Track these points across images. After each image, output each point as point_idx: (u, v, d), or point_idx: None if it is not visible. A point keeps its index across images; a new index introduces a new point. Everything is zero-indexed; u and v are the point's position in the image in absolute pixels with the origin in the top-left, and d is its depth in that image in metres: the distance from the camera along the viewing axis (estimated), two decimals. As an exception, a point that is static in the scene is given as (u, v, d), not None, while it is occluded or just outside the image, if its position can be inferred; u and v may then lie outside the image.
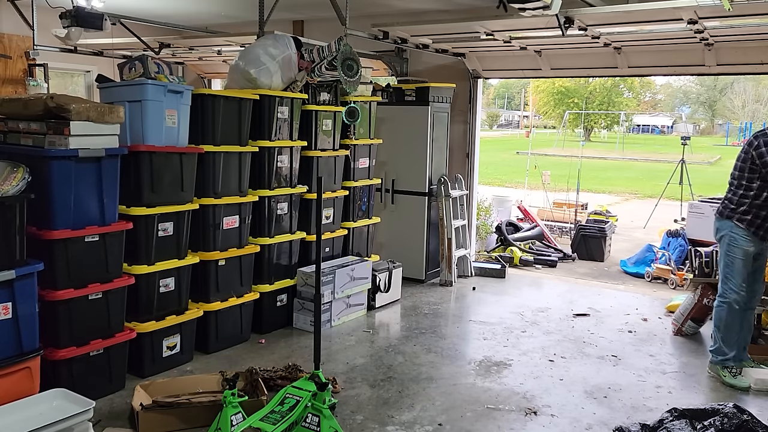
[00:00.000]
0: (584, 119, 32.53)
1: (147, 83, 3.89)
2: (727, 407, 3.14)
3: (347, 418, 3.56)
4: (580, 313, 5.69)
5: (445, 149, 6.75)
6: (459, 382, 4.13)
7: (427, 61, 7.00)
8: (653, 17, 4.70)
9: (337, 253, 5.66)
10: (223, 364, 4.27)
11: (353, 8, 5.32)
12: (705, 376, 4.34)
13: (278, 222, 4.96)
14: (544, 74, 6.69)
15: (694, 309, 5.07)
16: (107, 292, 3.69)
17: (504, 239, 8.01)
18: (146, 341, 4.02)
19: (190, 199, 4.22)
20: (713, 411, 3.14)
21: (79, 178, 3.49)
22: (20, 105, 3.60)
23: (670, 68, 6.10)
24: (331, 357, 4.48)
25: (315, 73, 5.02)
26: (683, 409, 3.25)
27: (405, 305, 5.82)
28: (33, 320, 3.23)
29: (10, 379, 3.14)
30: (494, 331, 5.16)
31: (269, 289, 4.91)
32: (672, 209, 10.60)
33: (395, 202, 6.62)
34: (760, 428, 3.02)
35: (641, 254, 7.57)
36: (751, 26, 4.83)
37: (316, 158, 5.25)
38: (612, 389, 4.08)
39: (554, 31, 4.93)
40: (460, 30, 5.53)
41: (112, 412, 3.56)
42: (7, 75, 6.96)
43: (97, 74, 4.97)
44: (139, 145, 3.87)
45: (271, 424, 3.13)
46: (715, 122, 47.36)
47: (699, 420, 3.12)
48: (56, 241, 3.43)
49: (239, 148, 4.54)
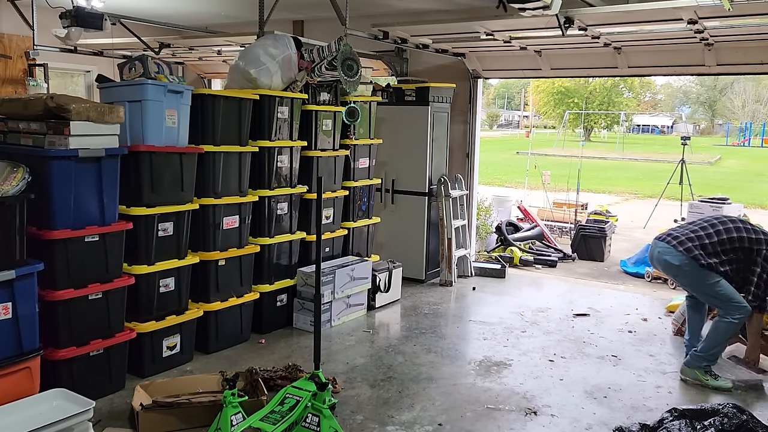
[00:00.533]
0: (584, 119, 32.55)
1: (147, 83, 3.89)
2: (727, 407, 3.14)
3: (347, 418, 3.56)
4: (580, 313, 5.69)
5: (445, 149, 6.75)
6: (459, 382, 4.13)
7: (427, 61, 7.00)
8: (653, 17, 4.70)
9: (337, 253, 5.66)
10: (223, 364, 4.27)
11: (353, 8, 5.32)
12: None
13: (278, 222, 4.96)
14: (544, 74, 6.69)
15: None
16: (107, 292, 3.69)
17: (504, 239, 8.01)
18: (146, 341, 4.02)
19: (190, 199, 4.22)
20: (713, 411, 3.14)
21: (79, 178, 3.49)
22: (20, 105, 3.60)
23: (670, 68, 6.10)
24: (331, 357, 4.48)
25: (315, 73, 5.02)
26: (683, 409, 3.25)
27: (405, 305, 5.82)
28: (33, 320, 3.23)
29: (10, 379, 3.14)
30: (494, 331, 5.16)
31: (269, 289, 4.91)
32: (672, 209, 10.59)
33: (395, 202, 6.62)
34: (760, 428, 3.02)
35: (641, 254, 7.56)
36: (751, 26, 4.83)
37: (316, 158, 5.25)
38: (612, 389, 4.08)
39: (554, 31, 4.94)
40: (460, 30, 5.54)
41: (112, 412, 3.56)
42: (7, 75, 6.96)
43: (97, 74, 4.97)
44: (139, 145, 3.87)
45: (271, 424, 3.13)
46: (715, 122, 47.39)
47: (699, 420, 3.12)
48: (56, 241, 3.43)
49: (239, 148, 4.54)
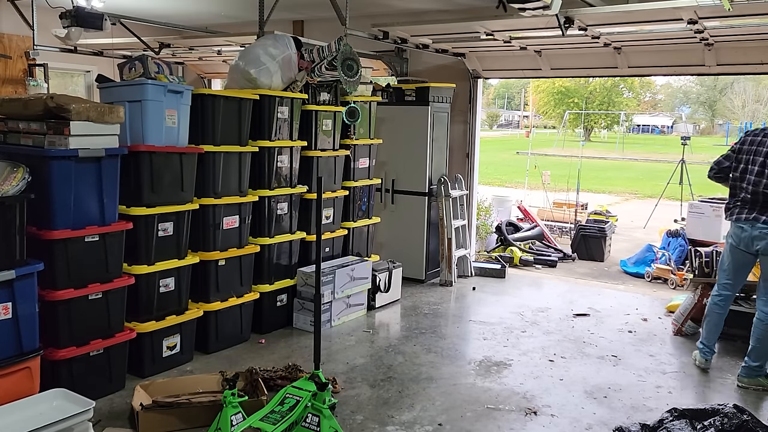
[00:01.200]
0: (584, 119, 32.53)
1: (147, 83, 3.89)
2: (727, 407, 3.14)
3: (347, 418, 3.56)
4: (580, 313, 5.69)
5: (445, 149, 6.75)
6: (459, 382, 4.13)
7: (427, 61, 7.00)
8: (653, 17, 4.70)
9: (337, 253, 5.66)
10: (223, 364, 4.27)
11: (353, 8, 5.32)
12: (705, 376, 4.34)
13: (278, 222, 4.96)
14: (544, 74, 6.69)
15: (694, 309, 5.08)
16: (107, 292, 3.69)
17: (504, 239, 8.00)
18: (146, 341, 4.02)
19: (190, 199, 4.22)
20: (713, 411, 3.14)
21: (79, 178, 3.49)
22: (20, 105, 3.60)
23: (670, 68, 6.10)
24: (331, 357, 4.48)
25: (315, 73, 5.02)
26: (683, 409, 3.25)
27: (405, 305, 5.81)
28: (33, 320, 3.23)
29: (10, 379, 3.14)
30: (494, 331, 5.16)
31: (269, 289, 4.91)
32: (672, 209, 10.60)
33: (395, 202, 6.62)
34: (760, 428, 3.02)
35: (641, 254, 7.57)
36: (751, 26, 4.83)
37: (316, 158, 5.25)
38: (612, 389, 4.08)
39: (554, 31, 4.93)
40: (460, 30, 5.54)
41: (112, 412, 3.56)
42: (7, 75, 6.96)
43: (97, 74, 4.97)
44: (139, 145, 3.87)
45: (271, 424, 3.13)
46: (715, 122, 47.33)
47: (699, 420, 3.12)
48: (56, 241, 3.43)
49: (239, 148, 4.54)
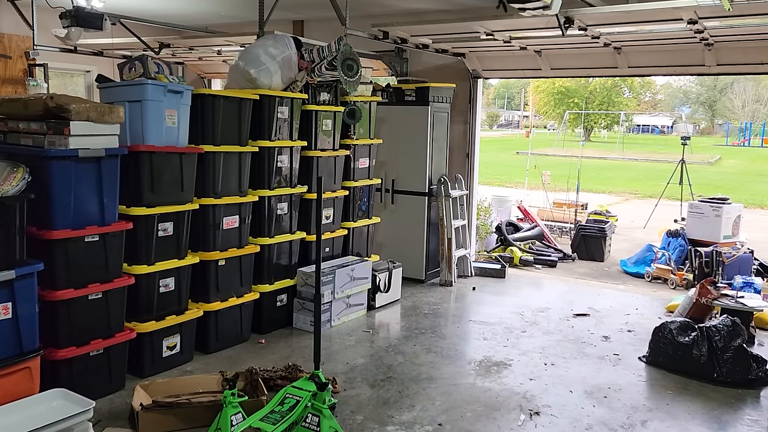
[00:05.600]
0: (584, 119, 32.53)
1: (147, 83, 3.89)
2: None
3: (347, 418, 3.56)
4: (580, 313, 5.69)
5: (445, 149, 6.75)
6: (459, 382, 4.13)
7: (427, 61, 7.00)
8: (653, 17, 4.70)
9: (337, 253, 5.66)
10: (223, 364, 4.27)
11: (353, 8, 5.32)
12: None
13: (278, 222, 4.96)
14: (544, 74, 6.69)
15: (693, 308, 5.08)
16: (107, 292, 3.69)
17: (504, 239, 8.01)
18: (146, 341, 4.02)
19: (190, 199, 4.22)
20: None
21: (79, 178, 3.49)
22: (20, 105, 3.60)
23: (670, 68, 6.10)
24: (331, 357, 4.48)
25: (315, 73, 5.02)
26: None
27: (405, 305, 5.81)
28: (33, 320, 3.23)
29: (10, 379, 3.14)
30: (494, 331, 5.16)
31: (269, 289, 4.91)
32: (672, 209, 10.59)
33: (395, 202, 6.62)
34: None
35: (641, 254, 7.57)
36: (751, 26, 4.84)
37: (316, 158, 5.25)
38: (612, 389, 4.08)
39: (554, 31, 4.93)
40: (460, 30, 5.54)
41: (112, 412, 3.56)
42: (7, 75, 6.96)
43: (97, 74, 4.97)
44: (139, 145, 3.87)
45: (271, 424, 3.13)
46: (715, 122, 47.34)
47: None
48: (56, 241, 3.43)
49: (239, 148, 4.54)
